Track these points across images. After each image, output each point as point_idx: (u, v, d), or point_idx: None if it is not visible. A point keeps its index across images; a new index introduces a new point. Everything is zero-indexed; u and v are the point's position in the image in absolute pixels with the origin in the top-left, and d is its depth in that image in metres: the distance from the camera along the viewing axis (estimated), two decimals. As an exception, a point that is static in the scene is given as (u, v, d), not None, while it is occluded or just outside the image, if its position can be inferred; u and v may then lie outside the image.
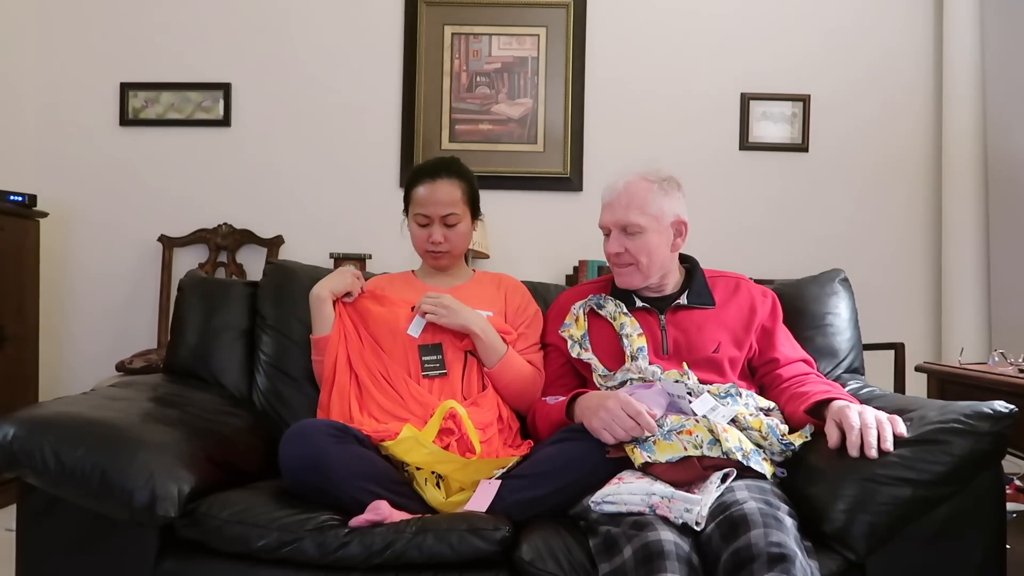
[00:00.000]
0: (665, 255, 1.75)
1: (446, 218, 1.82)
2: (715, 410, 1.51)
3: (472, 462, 1.51)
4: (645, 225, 1.70)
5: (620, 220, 1.71)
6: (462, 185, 1.85)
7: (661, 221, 1.72)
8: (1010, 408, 1.37)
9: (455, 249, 1.87)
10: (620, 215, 1.71)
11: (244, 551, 1.36)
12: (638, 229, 1.70)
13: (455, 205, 1.82)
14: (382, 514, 1.38)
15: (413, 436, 1.49)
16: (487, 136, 3.37)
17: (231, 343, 1.95)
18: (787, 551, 1.18)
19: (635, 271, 1.73)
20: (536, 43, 3.37)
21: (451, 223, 1.83)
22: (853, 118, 3.36)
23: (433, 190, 1.81)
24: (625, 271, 1.75)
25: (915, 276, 3.37)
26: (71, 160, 3.39)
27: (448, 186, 1.82)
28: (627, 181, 1.74)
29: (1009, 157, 3.07)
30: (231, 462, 1.58)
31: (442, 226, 1.82)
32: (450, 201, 1.82)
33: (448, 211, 1.82)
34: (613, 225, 1.73)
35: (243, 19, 3.38)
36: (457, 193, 1.83)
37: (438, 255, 1.86)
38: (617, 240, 1.73)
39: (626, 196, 1.72)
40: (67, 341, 3.39)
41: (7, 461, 1.37)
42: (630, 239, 1.71)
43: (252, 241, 3.35)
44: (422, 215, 1.82)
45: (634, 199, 1.71)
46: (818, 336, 1.93)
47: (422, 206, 1.82)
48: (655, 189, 1.72)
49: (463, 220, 1.86)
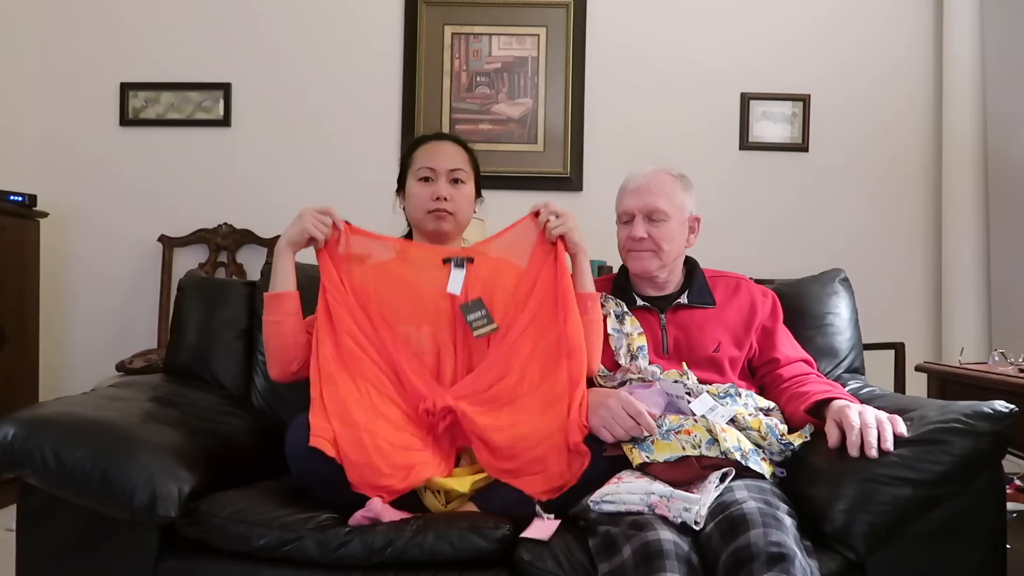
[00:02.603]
0: (681, 247, 1.79)
1: (453, 172, 1.69)
2: (714, 410, 1.51)
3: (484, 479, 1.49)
4: (671, 213, 1.73)
5: (649, 205, 1.73)
6: (467, 153, 1.78)
7: (682, 212, 1.76)
8: (1010, 408, 1.37)
9: (460, 212, 1.70)
10: (649, 200, 1.73)
11: (245, 550, 1.36)
12: (664, 216, 1.73)
13: (462, 163, 1.72)
14: (374, 510, 1.38)
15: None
16: (487, 136, 3.37)
17: (231, 343, 1.96)
18: (787, 551, 1.18)
19: (654, 256, 1.74)
20: (536, 43, 3.37)
21: (458, 178, 1.70)
22: (853, 118, 3.36)
23: (439, 147, 1.74)
24: (644, 256, 1.75)
25: (915, 276, 3.37)
26: (71, 160, 3.39)
27: (453, 146, 1.76)
28: (653, 170, 1.78)
29: (1009, 157, 3.07)
30: (231, 462, 1.58)
31: (448, 183, 1.68)
32: (458, 158, 1.72)
33: (456, 166, 1.70)
34: (639, 210, 1.74)
35: (243, 19, 3.38)
36: (463, 155, 1.75)
37: (442, 214, 1.66)
38: (641, 225, 1.73)
39: (655, 183, 1.75)
40: (67, 341, 3.38)
41: (7, 461, 1.37)
42: (654, 225, 1.73)
43: (252, 241, 3.35)
44: (427, 168, 1.68)
45: (663, 187, 1.75)
46: (818, 336, 1.93)
47: (428, 160, 1.69)
48: (677, 182, 1.77)
49: (468, 183, 1.72)
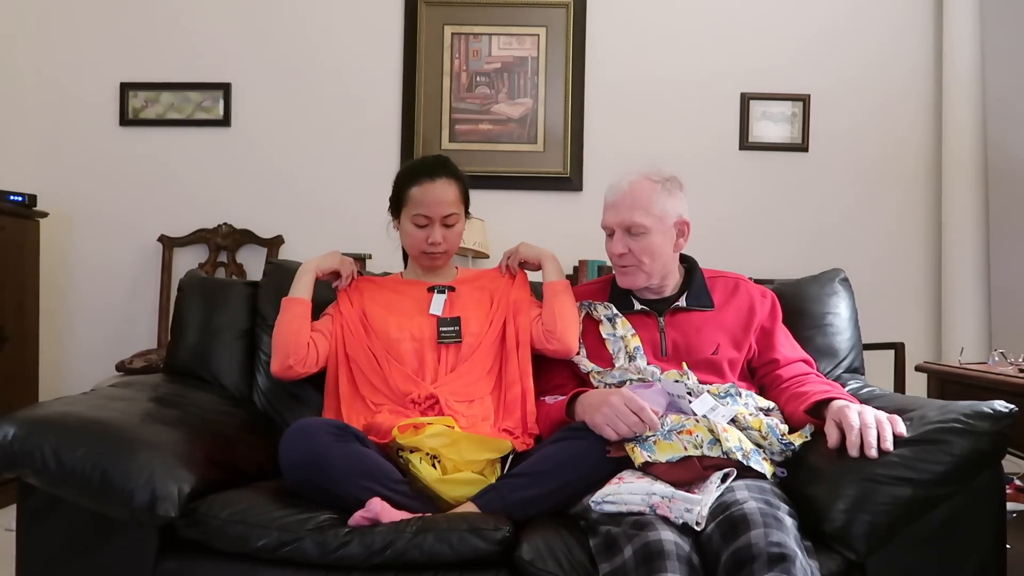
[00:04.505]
0: (668, 256, 1.75)
1: (446, 218, 1.81)
2: (715, 410, 1.51)
3: (464, 437, 1.55)
4: (649, 226, 1.70)
5: (624, 221, 1.71)
6: (458, 184, 1.85)
7: (664, 222, 1.72)
8: (1010, 408, 1.37)
9: (451, 249, 1.86)
10: (624, 216, 1.71)
11: (244, 551, 1.36)
12: (642, 230, 1.70)
13: (455, 205, 1.82)
14: (373, 511, 1.38)
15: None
16: (487, 136, 3.37)
17: (231, 343, 1.95)
18: (787, 551, 1.18)
19: (638, 271, 1.73)
20: (536, 43, 3.37)
21: (450, 223, 1.83)
22: (853, 118, 3.36)
23: (433, 190, 1.80)
24: (628, 271, 1.74)
25: (915, 276, 3.37)
26: (71, 160, 3.39)
27: (447, 185, 1.81)
28: (631, 181, 1.73)
29: (1009, 157, 3.07)
30: (231, 462, 1.58)
31: (442, 226, 1.81)
32: (451, 201, 1.81)
33: (449, 211, 1.81)
34: (617, 226, 1.73)
35: (243, 19, 3.38)
36: (455, 192, 1.83)
37: (435, 256, 1.84)
38: (621, 241, 1.72)
39: (630, 196, 1.71)
40: (67, 341, 3.38)
41: (7, 461, 1.37)
42: (634, 240, 1.71)
43: (252, 241, 3.35)
44: (422, 216, 1.80)
45: (638, 199, 1.70)
46: (818, 336, 1.93)
47: (422, 207, 1.80)
48: (658, 189, 1.72)
49: (460, 220, 1.86)
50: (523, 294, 1.88)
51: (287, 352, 1.72)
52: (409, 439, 1.53)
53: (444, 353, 1.77)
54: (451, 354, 1.78)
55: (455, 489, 1.51)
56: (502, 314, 1.84)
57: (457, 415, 1.65)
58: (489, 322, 1.82)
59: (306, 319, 1.77)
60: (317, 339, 1.77)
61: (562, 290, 1.81)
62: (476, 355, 1.78)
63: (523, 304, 1.85)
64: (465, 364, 1.77)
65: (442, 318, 1.80)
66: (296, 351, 1.72)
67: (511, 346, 1.80)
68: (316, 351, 1.75)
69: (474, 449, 1.55)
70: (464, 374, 1.76)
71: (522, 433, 1.71)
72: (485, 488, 1.50)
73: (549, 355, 1.78)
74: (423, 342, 1.77)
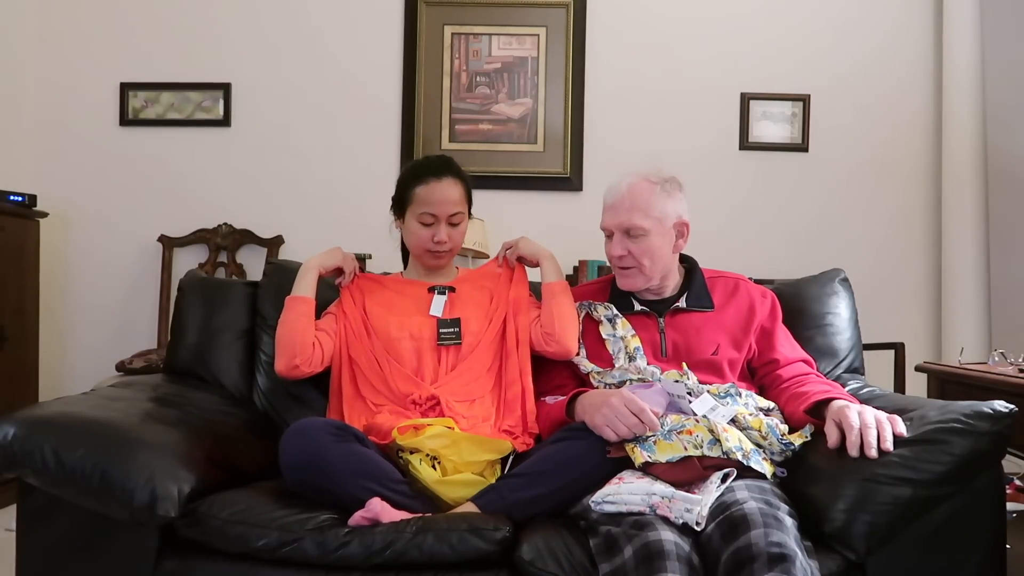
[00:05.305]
0: (667, 257, 1.75)
1: (452, 217, 1.82)
2: (715, 410, 1.51)
3: (464, 438, 1.55)
4: (648, 228, 1.70)
5: (623, 223, 1.71)
6: (463, 184, 1.86)
7: (664, 223, 1.71)
8: (1010, 408, 1.37)
9: (456, 248, 1.87)
10: (623, 218, 1.70)
11: (244, 551, 1.36)
12: (641, 232, 1.70)
13: (460, 204, 1.84)
14: (373, 511, 1.38)
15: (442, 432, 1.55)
16: (487, 136, 3.37)
17: (231, 343, 1.95)
18: (787, 551, 1.18)
19: (638, 273, 1.73)
20: (536, 43, 3.37)
21: (456, 222, 1.84)
22: (853, 118, 3.36)
23: (440, 189, 1.81)
24: (628, 273, 1.74)
25: (915, 276, 3.37)
26: (71, 160, 3.39)
27: (453, 185, 1.82)
28: (629, 183, 1.73)
29: (1009, 157, 3.07)
30: (231, 462, 1.58)
31: (447, 225, 1.82)
32: (456, 200, 1.82)
33: (455, 210, 1.82)
34: (616, 228, 1.73)
35: (243, 19, 3.38)
36: (460, 192, 1.84)
37: (440, 254, 1.85)
38: (620, 243, 1.72)
39: (629, 198, 1.71)
40: (67, 341, 3.38)
41: (7, 461, 1.37)
42: (633, 242, 1.71)
43: (252, 241, 3.35)
44: (428, 214, 1.81)
45: (637, 201, 1.70)
46: (818, 336, 1.93)
47: (429, 205, 1.80)
48: (657, 191, 1.71)
49: (464, 219, 1.87)
50: (522, 292, 1.88)
51: (293, 351, 1.72)
52: (409, 440, 1.53)
53: (444, 353, 1.78)
54: (451, 354, 1.78)
55: (455, 490, 1.51)
56: (502, 312, 1.84)
57: (458, 416, 1.65)
58: (489, 320, 1.83)
59: (311, 318, 1.77)
60: (322, 338, 1.77)
61: (560, 291, 1.81)
62: (476, 353, 1.78)
63: (522, 304, 1.85)
64: (465, 362, 1.77)
65: (442, 319, 1.81)
66: (303, 350, 1.72)
67: (511, 345, 1.80)
68: (322, 350, 1.76)
69: (474, 450, 1.55)
70: (464, 372, 1.76)
71: (522, 432, 1.71)
72: (485, 488, 1.50)
73: (548, 356, 1.78)
74: (422, 341, 1.78)
